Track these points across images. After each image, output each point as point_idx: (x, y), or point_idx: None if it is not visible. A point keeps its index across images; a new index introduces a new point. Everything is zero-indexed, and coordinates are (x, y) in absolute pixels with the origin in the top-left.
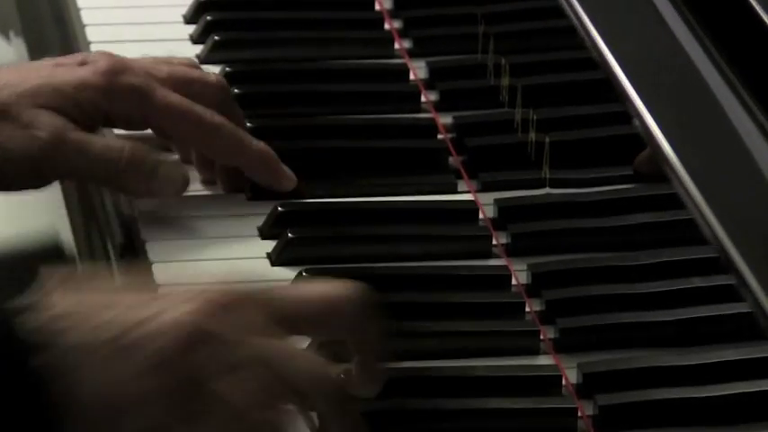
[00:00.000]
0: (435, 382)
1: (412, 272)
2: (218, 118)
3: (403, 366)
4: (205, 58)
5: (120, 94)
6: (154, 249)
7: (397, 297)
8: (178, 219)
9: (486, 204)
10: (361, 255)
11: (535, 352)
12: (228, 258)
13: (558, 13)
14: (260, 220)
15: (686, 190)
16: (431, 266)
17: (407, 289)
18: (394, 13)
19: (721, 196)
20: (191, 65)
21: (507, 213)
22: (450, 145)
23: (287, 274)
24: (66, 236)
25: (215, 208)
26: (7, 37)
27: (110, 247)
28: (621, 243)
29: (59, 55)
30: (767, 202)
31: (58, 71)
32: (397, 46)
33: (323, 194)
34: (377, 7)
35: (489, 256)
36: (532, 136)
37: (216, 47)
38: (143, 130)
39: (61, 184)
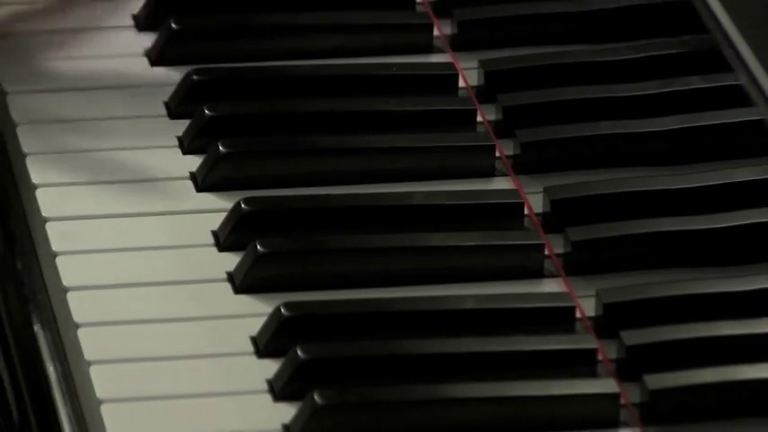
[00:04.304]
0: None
1: (330, 72)
2: None
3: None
4: None
5: None
6: None
7: (310, 105)
8: None
9: None
10: (262, 49)
11: (489, 173)
12: (100, 56)
13: None
14: (136, 7)
15: None
16: (354, 65)
17: (325, 93)
18: None
19: None
20: None
21: None
22: None
23: (170, 75)
24: None
25: None
26: None
27: None
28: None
29: None
30: None
31: None
32: None
33: None
34: None
35: (430, 50)
36: None
37: None
38: None
39: None
